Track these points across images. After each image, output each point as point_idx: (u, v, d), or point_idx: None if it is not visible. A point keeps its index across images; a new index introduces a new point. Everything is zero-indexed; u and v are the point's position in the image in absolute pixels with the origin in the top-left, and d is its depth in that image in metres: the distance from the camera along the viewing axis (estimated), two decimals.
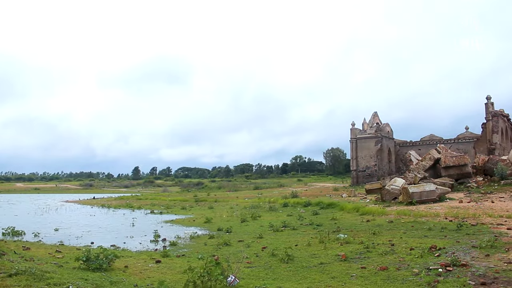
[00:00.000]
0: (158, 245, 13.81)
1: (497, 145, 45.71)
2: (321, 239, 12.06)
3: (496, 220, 14.69)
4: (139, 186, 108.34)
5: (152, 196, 52.06)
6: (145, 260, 10.33)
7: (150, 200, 44.66)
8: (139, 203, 39.31)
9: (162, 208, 32.25)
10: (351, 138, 59.09)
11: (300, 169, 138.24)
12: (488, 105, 50.60)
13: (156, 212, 28.80)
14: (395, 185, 24.27)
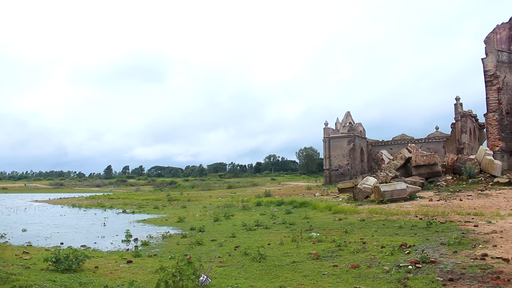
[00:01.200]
0: (130, 245, 13.61)
1: (466, 145, 46.71)
2: (294, 237, 12.11)
3: (464, 218, 15.02)
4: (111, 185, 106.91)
5: (125, 196, 51.46)
6: (116, 260, 10.17)
7: (122, 199, 44.09)
8: (111, 202, 38.75)
9: (135, 207, 31.87)
10: (324, 138, 59.55)
11: (274, 168, 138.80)
12: (457, 106, 51.65)
13: (128, 211, 28.43)
14: (367, 184, 24.56)
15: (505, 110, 33.67)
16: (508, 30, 34.72)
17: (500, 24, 34.63)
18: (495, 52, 33.43)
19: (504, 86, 33.73)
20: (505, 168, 30.27)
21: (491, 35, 33.91)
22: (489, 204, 18.49)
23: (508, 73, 34.04)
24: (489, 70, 33.31)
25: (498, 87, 33.19)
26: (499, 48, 33.90)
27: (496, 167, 27.01)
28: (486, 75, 33.46)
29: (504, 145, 33.20)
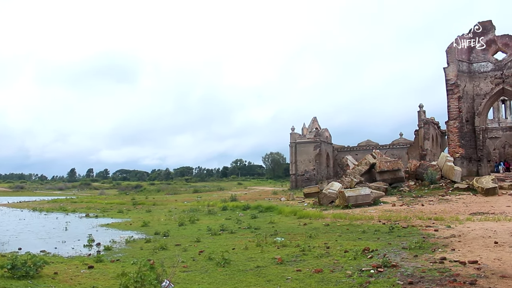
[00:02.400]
0: (92, 250, 13.31)
1: (428, 151, 47.90)
2: (258, 242, 12.11)
3: (425, 222, 15.39)
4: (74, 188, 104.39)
5: (88, 199, 50.37)
6: (77, 266, 9.94)
7: (85, 203, 43.12)
8: (74, 206, 37.87)
9: (98, 211, 31.25)
10: (290, 143, 59.99)
11: (240, 173, 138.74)
12: (420, 113, 52.97)
13: (92, 215, 27.84)
14: (332, 189, 24.84)
15: (465, 118, 34.68)
16: (468, 41, 35.82)
17: (461, 35, 35.70)
18: (456, 62, 34.44)
19: (464, 95, 34.77)
20: (464, 174, 31.15)
21: (453, 45, 34.91)
22: (449, 209, 19.02)
23: (468, 83, 35.11)
24: (450, 79, 34.28)
25: (459, 95, 34.17)
26: (460, 58, 34.94)
27: (456, 173, 27.79)
28: (448, 84, 34.42)
29: (464, 152, 34.17)
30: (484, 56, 35.47)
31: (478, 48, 35.66)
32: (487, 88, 35.06)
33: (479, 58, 35.56)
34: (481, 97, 35.16)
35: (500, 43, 35.27)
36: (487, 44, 35.54)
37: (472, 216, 16.46)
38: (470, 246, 10.55)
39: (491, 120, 60.11)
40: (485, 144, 36.99)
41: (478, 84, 35.32)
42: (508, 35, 35.24)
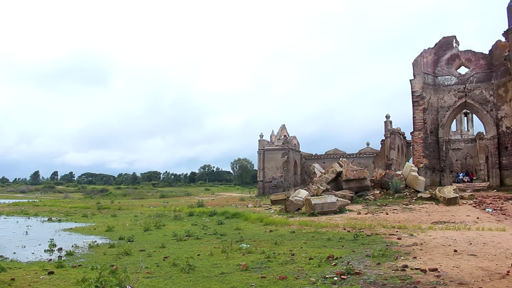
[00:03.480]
0: (53, 255, 12.96)
1: (394, 161, 48.79)
2: (224, 248, 12.06)
3: (389, 231, 15.65)
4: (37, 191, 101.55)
5: (51, 203, 49.04)
6: (36, 272, 9.67)
7: (48, 206, 42.01)
8: (36, 210, 36.81)
9: (62, 215, 30.48)
10: (259, 149, 60.16)
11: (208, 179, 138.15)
12: (387, 123, 53.96)
13: (55, 219, 27.13)
14: (298, 196, 25.00)
15: (429, 129, 35.58)
16: (433, 55, 36.86)
17: (426, 49, 36.71)
18: (422, 75, 35.35)
19: (429, 107, 35.69)
20: (428, 184, 31.91)
21: (419, 58, 35.84)
22: (412, 218, 19.39)
23: (432, 95, 36.07)
24: (416, 91, 35.14)
25: (424, 107, 35.04)
26: (425, 71, 35.89)
27: (420, 183, 28.42)
28: (413, 96, 35.26)
29: (428, 162, 35.02)
30: (448, 70, 36.56)
31: (443, 62, 36.72)
32: (450, 101, 36.11)
33: (444, 71, 36.63)
34: (445, 109, 36.16)
35: (463, 58, 36.43)
36: (451, 58, 36.66)
37: (434, 225, 16.85)
38: (431, 254, 10.79)
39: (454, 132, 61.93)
40: (448, 155, 38.03)
41: (442, 96, 36.34)
42: (471, 50, 36.46)
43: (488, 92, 35.00)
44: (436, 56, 36.89)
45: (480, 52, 36.14)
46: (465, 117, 64.51)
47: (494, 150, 34.39)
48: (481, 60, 35.85)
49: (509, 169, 32.86)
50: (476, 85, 35.57)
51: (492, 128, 34.50)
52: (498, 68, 34.50)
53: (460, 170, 60.66)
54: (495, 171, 34.23)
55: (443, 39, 37.16)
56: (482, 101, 35.15)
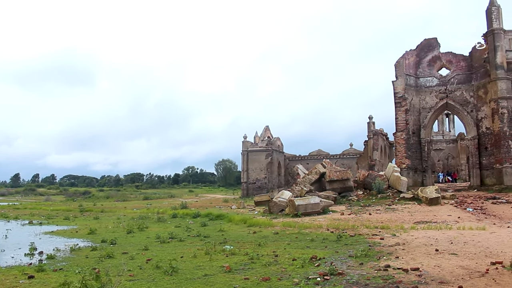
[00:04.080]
0: (34, 259, 12.73)
1: (377, 161, 49.24)
2: (207, 250, 12.02)
3: (371, 231, 15.77)
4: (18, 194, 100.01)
5: (32, 206, 48.36)
6: (15, 276, 9.51)
7: (29, 209, 41.39)
8: (16, 213, 36.27)
9: (43, 218, 30.07)
10: (242, 151, 60.20)
11: (192, 180, 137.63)
12: (370, 124, 54.48)
13: (36, 222, 26.74)
14: (282, 197, 25.05)
15: (411, 130, 35.95)
16: (415, 56, 37.27)
17: (408, 50, 37.11)
18: (404, 76, 35.70)
19: (411, 108, 36.06)
20: (410, 184, 32.24)
21: (401, 60, 36.20)
22: (395, 218, 19.58)
23: (414, 96, 36.47)
24: (398, 92, 35.48)
25: (406, 108, 35.41)
26: (408, 72, 36.26)
27: (403, 183, 28.68)
28: (396, 97, 35.60)
29: (410, 162, 35.37)
30: (430, 72, 37.00)
31: (424, 64, 37.16)
32: (432, 102, 36.54)
33: (425, 73, 37.06)
34: (426, 110, 36.58)
35: (444, 59, 36.91)
36: (432, 60, 37.12)
37: (416, 225, 17.03)
38: (413, 253, 10.90)
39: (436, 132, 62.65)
40: (430, 155, 38.46)
41: (424, 98, 36.76)
42: (451, 52, 36.96)
43: (469, 93, 35.50)
44: (418, 57, 37.31)
45: (461, 54, 36.67)
46: (447, 118, 65.33)
47: (474, 150, 34.89)
48: (461, 62, 36.36)
49: (489, 169, 33.37)
50: (456, 86, 36.07)
51: (473, 128, 35.01)
52: (478, 70, 35.03)
53: (442, 170, 61.42)
54: (475, 171, 34.73)
55: (425, 41, 37.61)
56: (463, 102, 35.65)
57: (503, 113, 31.97)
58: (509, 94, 32.32)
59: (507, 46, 33.10)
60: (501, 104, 32.12)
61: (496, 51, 32.58)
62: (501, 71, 32.37)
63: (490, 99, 33.09)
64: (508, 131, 31.83)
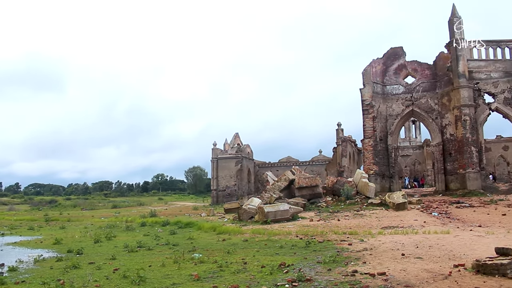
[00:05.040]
0: None
1: (346, 168, 49.84)
2: (176, 259, 11.92)
3: (340, 237, 15.94)
4: None
5: None
6: None
7: None
8: None
9: (5, 228, 29.17)
10: (212, 158, 60.06)
11: (162, 188, 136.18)
12: (338, 131, 55.19)
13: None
14: (252, 204, 25.07)
15: (379, 137, 36.60)
16: (382, 64, 38.05)
17: (375, 59, 37.86)
18: (371, 84, 36.37)
19: (378, 115, 36.73)
20: (378, 190, 32.76)
21: (368, 68, 36.88)
22: (363, 224, 19.85)
23: (381, 103, 37.17)
24: (366, 99, 36.10)
25: (373, 115, 36.04)
26: (375, 80, 36.96)
27: (371, 189, 29.13)
28: (363, 104, 36.20)
29: (378, 169, 35.97)
30: (396, 79, 37.82)
31: (391, 72, 37.96)
32: (398, 109, 37.32)
33: (392, 81, 37.86)
34: (393, 117, 37.33)
35: (410, 68, 37.81)
36: (398, 68, 37.97)
37: (384, 230, 17.32)
38: (380, 258, 11.08)
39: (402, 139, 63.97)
40: (397, 161, 39.22)
41: (391, 105, 37.51)
42: (416, 61, 37.91)
43: (433, 101, 36.42)
44: (384, 66, 38.09)
45: (425, 63, 37.62)
46: (413, 125, 66.80)
47: (439, 156, 35.77)
48: (426, 70, 37.30)
49: (453, 174, 34.23)
50: (422, 94, 36.95)
51: (438, 135, 35.90)
52: (442, 78, 35.99)
53: (409, 176, 62.67)
54: (440, 176, 35.57)
55: (391, 50, 38.43)
56: (428, 110, 36.53)
57: (466, 120, 32.91)
58: (471, 101, 33.32)
59: (468, 55, 34.18)
60: (463, 111, 33.05)
61: (458, 61, 33.58)
62: (463, 80, 33.36)
63: (454, 106, 34.03)
64: (470, 137, 32.77)
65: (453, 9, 34.64)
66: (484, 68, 34.12)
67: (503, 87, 33.47)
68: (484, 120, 33.98)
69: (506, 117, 33.67)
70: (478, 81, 33.86)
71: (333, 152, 55.92)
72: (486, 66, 34.16)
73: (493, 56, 34.40)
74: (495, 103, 33.54)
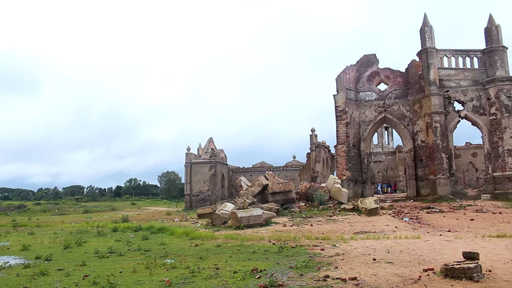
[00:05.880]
0: None
1: (319, 173, 50.21)
2: (147, 264, 11.77)
3: (313, 242, 16.01)
4: None
5: None
6: None
7: None
8: None
9: None
10: (186, 163, 59.73)
11: (135, 193, 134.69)
12: (312, 137, 55.63)
13: None
14: (225, 209, 25.00)
15: (352, 143, 36.99)
16: (356, 71, 38.54)
17: (349, 65, 38.31)
18: (344, 90, 36.77)
19: (352, 121, 37.15)
20: (351, 195, 33.08)
21: (342, 74, 37.28)
22: (335, 229, 19.99)
23: (355, 110, 37.61)
24: (339, 106, 36.47)
25: (347, 121, 36.43)
26: (348, 87, 37.39)
27: (343, 194, 29.40)
28: (337, 110, 36.55)
29: (351, 174, 36.33)
30: (369, 86, 38.35)
31: (364, 79, 38.49)
32: (371, 116, 37.83)
33: (365, 87, 38.38)
34: (366, 123, 37.81)
35: (382, 75, 38.40)
36: (372, 75, 38.53)
37: (356, 235, 17.47)
38: (352, 263, 11.17)
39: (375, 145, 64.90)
40: (369, 167, 39.72)
41: (364, 111, 37.99)
42: (389, 68, 38.54)
43: (405, 107, 37.05)
44: (358, 72, 38.58)
45: (398, 70, 38.26)
46: (386, 131, 67.83)
47: (411, 162, 36.37)
48: (398, 78, 37.94)
49: (424, 180, 34.84)
50: (394, 101, 37.55)
51: (409, 141, 36.50)
52: (413, 86, 36.66)
53: (382, 182, 63.54)
54: (411, 182, 36.16)
55: (364, 57, 38.97)
56: (400, 116, 37.14)
57: (436, 126, 33.58)
58: (442, 109, 34.03)
59: (439, 63, 34.94)
60: (434, 119, 33.72)
61: (429, 69, 34.28)
62: (434, 87, 34.05)
63: (425, 113, 34.68)
64: (441, 144, 33.44)
65: (424, 18, 35.38)
66: (454, 76, 34.92)
67: (472, 95, 34.29)
68: (454, 127, 34.71)
69: (474, 124, 34.48)
70: (448, 89, 34.61)
71: (307, 157, 56.27)
72: (456, 74, 34.97)
73: (463, 65, 35.25)
74: (464, 110, 34.32)
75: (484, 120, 33.84)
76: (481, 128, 34.06)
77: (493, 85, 33.46)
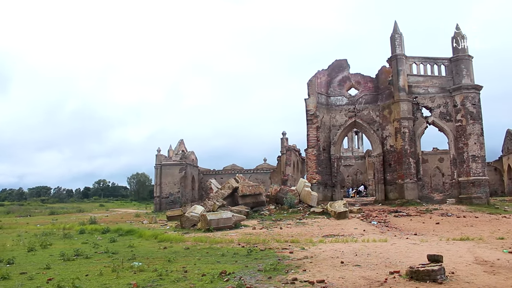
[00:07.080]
0: None
1: (289, 177, 50.38)
2: (114, 267, 11.57)
3: (282, 245, 16.06)
4: None
5: None
6: None
7: None
8: None
9: None
10: (156, 164, 59.27)
11: (103, 194, 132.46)
12: (283, 140, 55.95)
13: None
14: (194, 212, 24.85)
15: (322, 147, 37.32)
16: (327, 76, 38.95)
17: (321, 70, 38.69)
18: (316, 94, 37.10)
19: (322, 125, 37.49)
20: (320, 199, 33.35)
21: (313, 78, 37.60)
22: (305, 232, 20.11)
23: (325, 114, 37.98)
24: (310, 110, 36.75)
25: (317, 125, 36.74)
26: (319, 91, 37.75)
27: (313, 198, 29.62)
28: (308, 114, 36.83)
29: (321, 178, 36.63)
30: (340, 91, 38.80)
31: (335, 83, 38.93)
32: (342, 120, 38.28)
33: (336, 92, 38.81)
34: (336, 128, 38.22)
35: (353, 80, 38.92)
36: (343, 80, 39.00)
37: (325, 238, 17.63)
38: (320, 266, 11.26)
39: (346, 149, 65.75)
40: (339, 171, 40.14)
41: (335, 116, 38.41)
42: (360, 74, 39.10)
43: (375, 113, 37.63)
44: (329, 77, 38.98)
45: (368, 76, 38.85)
46: (356, 136, 68.79)
47: (379, 166, 36.95)
48: (369, 83, 38.51)
49: (393, 185, 35.44)
50: (364, 106, 38.10)
51: (378, 146, 37.08)
52: (383, 91, 37.28)
53: (351, 186, 64.34)
54: (380, 186, 36.73)
55: (336, 62, 39.42)
56: (370, 121, 37.69)
57: (405, 132, 34.23)
58: (410, 115, 34.71)
59: (408, 70, 35.64)
60: (403, 124, 34.37)
61: (399, 75, 34.93)
62: (403, 93, 34.70)
63: (394, 119, 35.30)
64: (409, 149, 34.09)
65: (395, 25, 36.07)
66: (422, 83, 35.68)
67: (439, 102, 35.10)
68: (421, 133, 35.46)
69: (441, 130, 35.29)
70: (417, 95, 35.33)
71: (278, 160, 56.51)
72: (424, 81, 35.73)
73: (430, 72, 36.05)
74: (432, 117, 35.09)
75: (451, 126, 34.69)
76: (447, 134, 34.90)
77: (459, 92, 34.34)
